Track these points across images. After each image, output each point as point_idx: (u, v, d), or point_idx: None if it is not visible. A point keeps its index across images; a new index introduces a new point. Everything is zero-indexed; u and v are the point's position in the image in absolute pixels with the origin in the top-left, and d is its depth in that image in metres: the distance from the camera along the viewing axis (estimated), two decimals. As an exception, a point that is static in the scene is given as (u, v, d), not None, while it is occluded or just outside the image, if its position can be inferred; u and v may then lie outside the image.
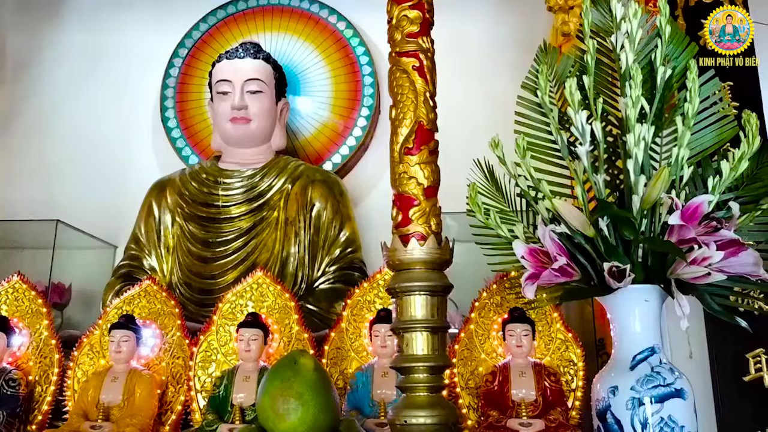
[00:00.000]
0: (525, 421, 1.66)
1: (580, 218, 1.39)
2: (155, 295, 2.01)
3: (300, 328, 1.91)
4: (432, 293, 0.80)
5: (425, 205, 0.81)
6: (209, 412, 1.78)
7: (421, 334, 0.79)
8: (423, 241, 0.79)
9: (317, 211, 2.87)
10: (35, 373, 1.94)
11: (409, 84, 0.83)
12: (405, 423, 0.74)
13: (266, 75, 2.95)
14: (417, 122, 0.82)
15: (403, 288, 0.79)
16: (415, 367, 0.78)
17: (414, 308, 0.80)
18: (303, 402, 1.14)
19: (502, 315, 1.88)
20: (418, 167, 0.82)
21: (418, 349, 0.79)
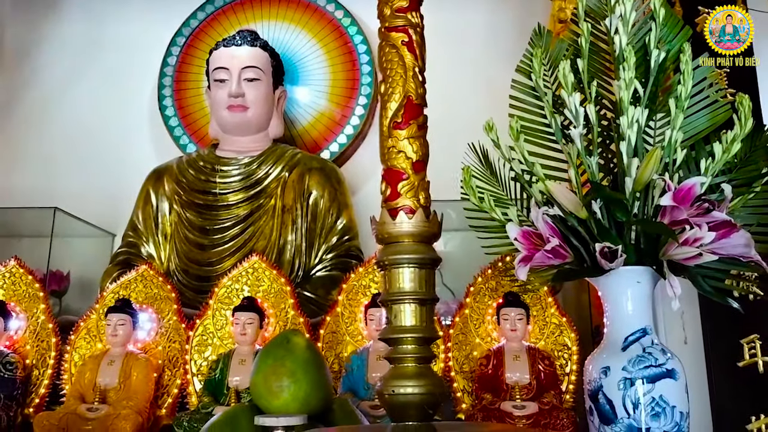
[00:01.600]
0: (519, 404, 1.67)
1: (573, 200, 1.39)
2: (152, 280, 2.01)
3: (296, 312, 1.92)
4: (420, 266, 0.80)
5: (414, 179, 0.81)
6: (205, 394, 1.79)
7: (410, 306, 0.80)
8: (411, 215, 0.80)
9: (314, 199, 2.87)
10: (32, 357, 1.95)
11: (398, 59, 0.83)
12: (393, 393, 0.75)
13: (263, 63, 2.95)
14: (406, 97, 0.82)
15: (391, 261, 0.80)
16: (403, 338, 0.79)
17: (402, 281, 0.80)
18: (295, 380, 1.15)
19: (497, 299, 1.89)
20: (406, 141, 0.82)
21: (406, 320, 0.79)
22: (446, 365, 1.84)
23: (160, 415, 1.87)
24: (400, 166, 0.84)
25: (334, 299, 2.57)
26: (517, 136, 1.43)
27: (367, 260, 1.98)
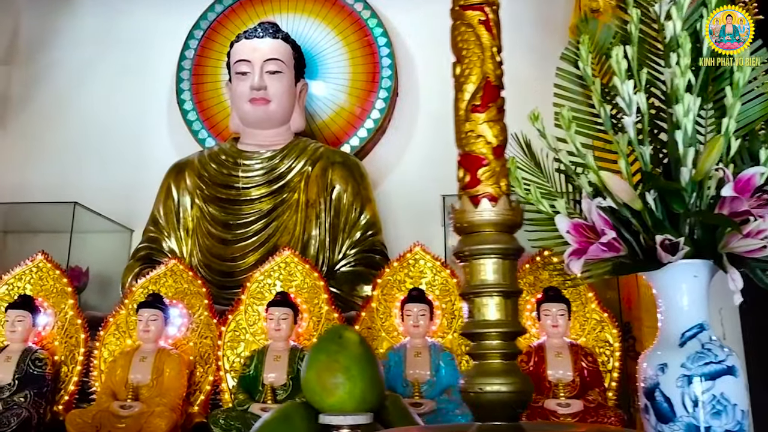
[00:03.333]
0: (563, 402, 1.63)
1: (628, 191, 1.35)
2: (181, 274, 1.98)
3: (330, 307, 1.88)
4: (504, 256, 0.76)
5: (494, 165, 0.77)
6: (240, 391, 1.75)
7: (493, 298, 0.75)
8: (494, 202, 0.75)
9: (337, 194, 2.83)
10: (61, 353, 1.91)
11: (475, 39, 0.79)
12: (480, 390, 0.70)
13: (286, 55, 2.91)
14: (484, 78, 0.78)
15: (473, 251, 0.76)
16: (487, 333, 0.74)
17: (485, 272, 0.76)
18: (350, 376, 1.11)
19: (536, 294, 1.85)
20: (486, 125, 0.78)
21: (490, 314, 0.75)
22: (485, 362, 1.80)
23: (193, 413, 1.83)
24: (479, 151, 0.80)
25: (360, 295, 2.54)
26: (568, 125, 1.38)
27: (402, 254, 1.93)
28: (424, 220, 3.16)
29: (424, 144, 3.33)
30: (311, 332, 1.88)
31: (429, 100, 3.38)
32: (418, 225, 3.14)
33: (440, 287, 1.88)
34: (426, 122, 3.36)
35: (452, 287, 1.88)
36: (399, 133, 3.36)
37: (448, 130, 2.88)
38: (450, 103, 2.77)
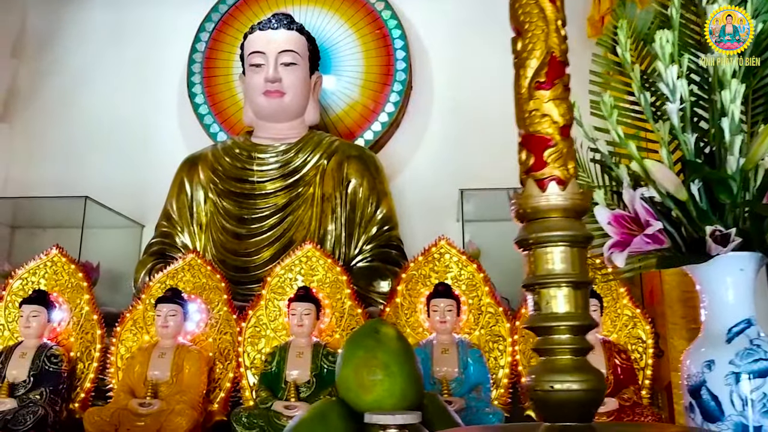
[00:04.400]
0: (597, 399, 1.57)
1: (673, 180, 1.29)
2: (199, 269, 1.92)
3: (353, 303, 1.83)
4: (573, 243, 0.71)
5: (562, 146, 0.72)
6: (262, 389, 1.70)
7: (561, 289, 0.70)
8: (562, 186, 0.70)
9: (353, 188, 2.78)
10: (77, 350, 1.86)
11: (538, 11, 0.74)
12: (551, 389, 0.65)
13: (300, 46, 2.85)
14: (549, 53, 0.73)
15: (539, 238, 0.70)
16: (556, 327, 0.69)
17: (552, 261, 0.71)
18: (389, 373, 1.06)
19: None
20: (551, 104, 0.73)
21: (559, 306, 0.69)
22: (513, 359, 1.75)
23: (212, 410, 1.78)
24: (545, 131, 0.74)
25: (376, 291, 2.49)
26: (611, 112, 1.32)
27: (427, 248, 1.88)
28: (438, 215, 3.11)
29: (439, 138, 3.28)
30: (334, 328, 1.83)
31: (444, 94, 3.33)
32: (432, 220, 3.09)
33: (466, 282, 1.83)
34: (440, 116, 3.31)
35: (478, 282, 1.82)
36: (413, 127, 3.30)
37: (463, 124, 2.83)
38: (465, 96, 2.72)
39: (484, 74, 3.31)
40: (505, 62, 2.92)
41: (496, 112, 3.32)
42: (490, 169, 3.09)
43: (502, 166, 3.08)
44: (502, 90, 3.36)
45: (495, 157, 3.21)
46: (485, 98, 3.27)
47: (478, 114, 3.26)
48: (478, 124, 3.25)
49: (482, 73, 3.31)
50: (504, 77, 3.16)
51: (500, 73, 3.43)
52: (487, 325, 1.79)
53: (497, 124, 3.29)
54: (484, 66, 3.31)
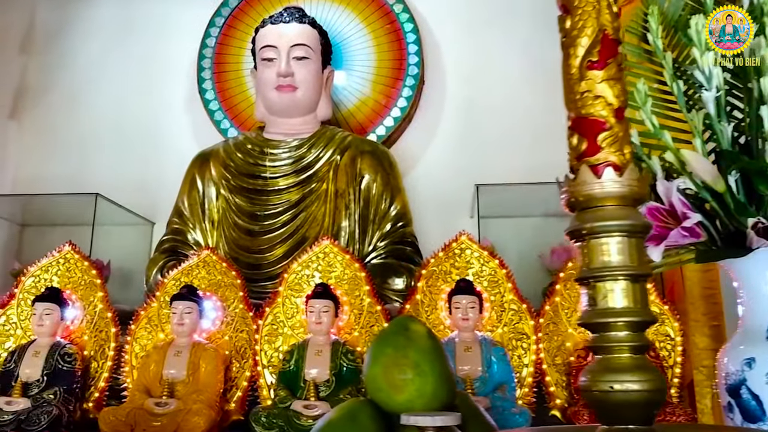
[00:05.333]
0: (626, 399, 1.53)
1: (711, 171, 1.24)
2: (215, 265, 1.88)
3: (372, 300, 1.79)
4: (630, 234, 0.66)
5: (617, 129, 0.67)
6: (280, 388, 1.66)
7: (620, 283, 0.65)
8: (619, 172, 0.65)
9: (366, 184, 2.74)
10: (90, 348, 1.83)
11: (589, -13, 0.68)
12: (611, 389, 0.60)
13: (313, 40, 2.81)
14: (601, 31, 0.68)
15: (594, 228, 0.66)
16: (614, 323, 0.65)
17: (609, 252, 0.66)
18: (420, 372, 1.01)
19: (590, 286, 1.74)
20: (605, 84, 0.68)
21: (616, 301, 0.65)
22: (537, 357, 1.70)
23: (229, 410, 1.74)
24: (598, 114, 0.70)
25: (391, 288, 2.45)
26: (644, 100, 1.28)
27: (447, 244, 1.84)
28: (451, 211, 3.06)
29: (452, 133, 3.24)
30: (352, 325, 1.79)
31: (456, 89, 3.29)
32: (445, 216, 3.04)
33: (488, 278, 1.78)
34: (453, 111, 3.27)
35: (501, 278, 1.78)
36: (425, 123, 3.26)
37: (476, 118, 2.77)
38: (479, 90, 2.65)
39: (497, 68, 3.26)
40: (520, 55, 2.89)
41: (510, 107, 3.29)
42: (503, 165, 3.05)
43: (516, 161, 3.07)
44: (516, 84, 3.32)
45: (509, 153, 3.18)
46: (499, 92, 3.22)
47: (491, 108, 3.21)
48: (491, 119, 3.20)
49: (496, 67, 3.26)
50: (518, 71, 3.13)
51: (514, 67, 3.40)
52: (510, 323, 1.74)
53: (511, 119, 3.27)
54: (497, 60, 3.27)
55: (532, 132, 3.12)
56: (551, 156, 3.08)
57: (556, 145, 3.03)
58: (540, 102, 3.17)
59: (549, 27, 3.28)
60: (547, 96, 3.28)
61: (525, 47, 3.27)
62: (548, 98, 3.17)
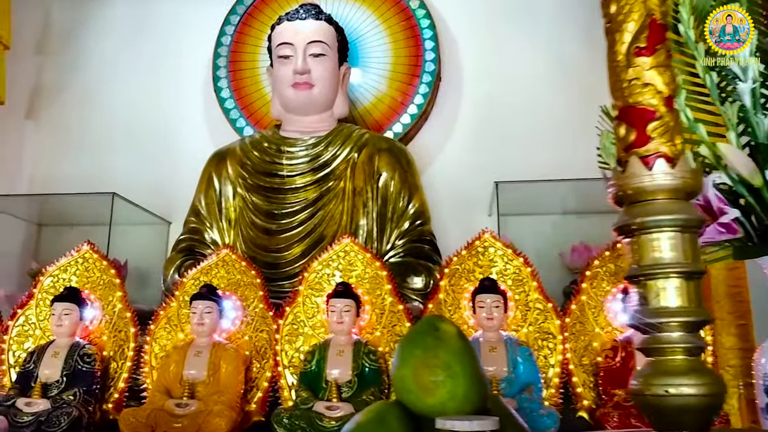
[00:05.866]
0: (657, 400, 1.48)
1: (748, 165, 1.20)
2: (234, 264, 1.86)
3: (394, 299, 1.75)
4: (683, 229, 0.63)
5: (668, 119, 0.64)
6: (302, 389, 1.63)
7: (672, 280, 0.62)
8: (671, 164, 0.62)
9: (384, 182, 2.70)
10: (109, 348, 1.81)
11: (635, -29, 0.65)
12: (666, 393, 0.57)
13: (329, 37, 2.78)
14: (648, 15, 0.65)
15: (645, 224, 0.63)
16: (666, 323, 0.61)
17: (661, 249, 0.63)
18: (451, 374, 0.98)
19: (617, 284, 1.70)
20: (654, 72, 0.65)
21: (670, 300, 0.62)
22: (564, 357, 1.66)
23: (250, 411, 1.72)
24: (647, 102, 0.66)
25: (410, 287, 2.42)
26: (678, 92, 1.24)
27: (471, 242, 1.80)
28: (468, 208, 3.03)
29: (469, 130, 3.20)
30: (374, 325, 1.76)
31: (473, 85, 3.25)
32: (462, 214, 3.01)
33: (512, 277, 1.74)
34: (471, 108, 3.23)
35: (526, 276, 1.74)
36: (442, 120, 3.22)
37: (494, 115, 2.72)
38: (496, 86, 2.59)
39: (516, 63, 3.21)
40: (538, 51, 2.83)
41: (528, 103, 3.24)
42: (522, 162, 3.01)
43: (535, 157, 3.02)
44: (534, 79, 3.27)
45: (528, 149, 3.13)
46: (517, 88, 3.18)
47: (509, 105, 3.17)
48: (510, 116, 3.16)
49: (514, 63, 3.22)
50: (537, 66, 3.07)
51: (533, 62, 3.34)
52: (535, 322, 1.71)
53: (530, 115, 3.22)
54: (515, 55, 3.22)
55: (552, 128, 3.08)
56: (571, 152, 3.06)
57: (577, 141, 2.99)
58: (560, 98, 3.12)
59: (568, 21, 3.25)
60: (567, 91, 3.25)
61: (544, 42, 3.23)
62: (568, 94, 3.15)
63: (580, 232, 2.94)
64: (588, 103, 3.16)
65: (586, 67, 3.20)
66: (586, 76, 3.23)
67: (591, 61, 3.30)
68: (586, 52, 3.17)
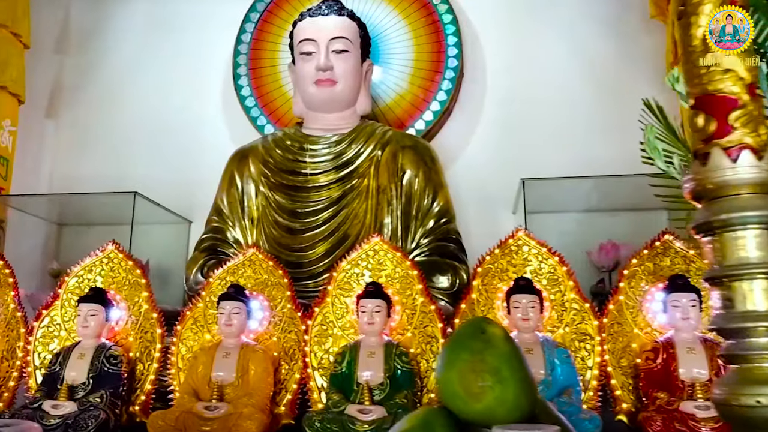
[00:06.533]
0: (702, 404, 1.43)
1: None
2: (260, 264, 1.82)
3: (425, 299, 1.71)
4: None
5: (751, 107, 0.59)
6: (333, 391, 1.59)
7: (759, 282, 0.57)
8: (757, 156, 0.57)
9: (408, 179, 2.66)
10: (136, 350, 1.78)
11: (712, -50, 0.60)
12: (758, 404, 0.52)
13: (352, 33, 2.74)
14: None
15: (729, 221, 0.58)
16: (754, 328, 0.56)
17: (746, 247, 0.58)
18: (500, 379, 0.93)
19: (656, 283, 1.65)
20: (735, 57, 0.59)
21: (757, 303, 0.56)
22: (602, 359, 1.61)
23: (279, 413, 1.68)
24: (728, 90, 0.62)
25: (435, 286, 2.37)
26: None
27: (504, 240, 1.75)
28: (492, 206, 2.98)
29: (493, 127, 3.14)
30: (405, 326, 1.72)
31: (496, 81, 3.19)
32: (485, 211, 2.96)
33: (547, 276, 1.69)
34: (494, 104, 3.17)
35: (561, 276, 1.69)
36: (465, 116, 3.17)
37: (517, 111, 2.64)
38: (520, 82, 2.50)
39: (539, 58, 3.15)
40: (562, 45, 2.75)
41: (553, 98, 3.18)
42: (547, 159, 2.95)
43: (561, 155, 2.97)
44: (558, 74, 3.19)
45: (552, 146, 3.07)
46: (541, 83, 3.12)
47: (533, 101, 3.11)
48: (533, 112, 3.10)
49: (537, 57, 3.16)
50: (561, 60, 2.98)
51: (557, 57, 3.26)
52: (572, 323, 1.65)
53: (554, 111, 3.15)
54: (539, 49, 3.16)
55: (578, 124, 3.02)
56: (597, 149, 2.99)
57: (603, 137, 2.91)
58: (585, 92, 3.06)
59: (592, 14, 3.15)
60: (592, 86, 3.18)
61: (567, 36, 3.17)
62: (593, 88, 3.09)
63: (607, 229, 2.88)
64: (614, 97, 3.12)
65: (611, 61, 3.14)
66: (613, 70, 3.17)
67: (617, 55, 3.25)
68: (612, 46, 3.10)
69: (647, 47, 3.04)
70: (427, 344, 1.66)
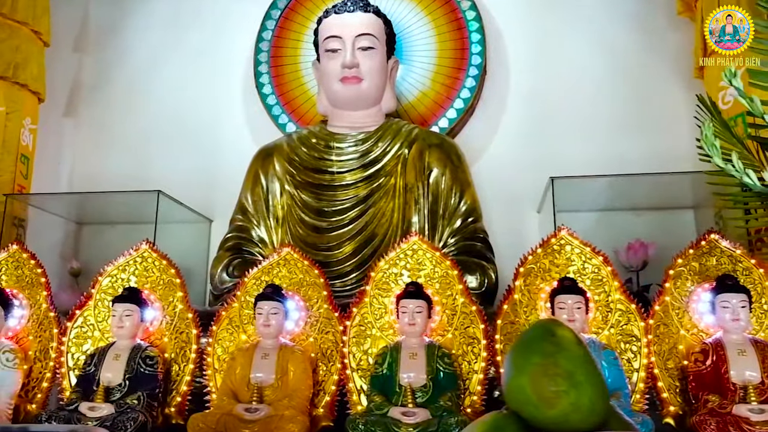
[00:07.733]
0: (756, 407, 1.40)
1: None
2: (296, 264, 1.80)
3: (466, 299, 1.68)
4: None
5: None
6: (374, 393, 1.57)
7: None
8: None
9: (435, 178, 2.63)
10: (171, 350, 1.76)
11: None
12: None
13: (378, 30, 2.71)
14: None
15: None
16: None
17: None
18: (574, 383, 0.90)
19: (702, 284, 1.61)
20: None
21: None
22: (648, 361, 1.58)
23: (318, 415, 1.65)
24: None
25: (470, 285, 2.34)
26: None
27: (546, 240, 1.72)
28: (516, 204, 2.95)
29: (516, 125, 3.11)
30: (445, 326, 1.69)
31: (520, 78, 3.16)
32: (510, 210, 2.93)
33: (591, 276, 1.66)
34: (517, 102, 3.14)
35: (606, 276, 1.66)
36: (488, 114, 3.14)
37: (542, 109, 2.61)
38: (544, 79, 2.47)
39: (563, 56, 3.12)
40: (586, 41, 2.71)
41: (577, 96, 3.14)
42: (572, 157, 2.91)
43: (586, 153, 2.93)
44: (583, 71, 3.15)
45: (578, 144, 3.03)
46: (566, 81, 3.08)
47: (557, 98, 3.08)
48: (558, 110, 3.07)
49: (561, 55, 3.12)
50: (585, 57, 2.94)
51: (581, 54, 3.23)
52: (617, 324, 1.62)
53: (579, 109, 3.11)
54: (563, 47, 3.13)
55: (603, 122, 2.99)
56: (625, 147, 2.95)
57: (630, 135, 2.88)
58: (611, 89, 3.03)
59: (616, 9, 3.11)
60: (617, 83, 3.14)
61: (592, 33, 3.13)
62: (619, 85, 3.05)
63: (634, 228, 2.85)
64: (639, 95, 3.08)
65: (637, 58, 3.10)
66: (638, 67, 3.13)
67: (643, 52, 3.20)
68: (637, 43, 3.06)
69: (674, 44, 3.00)
70: (469, 345, 1.63)
